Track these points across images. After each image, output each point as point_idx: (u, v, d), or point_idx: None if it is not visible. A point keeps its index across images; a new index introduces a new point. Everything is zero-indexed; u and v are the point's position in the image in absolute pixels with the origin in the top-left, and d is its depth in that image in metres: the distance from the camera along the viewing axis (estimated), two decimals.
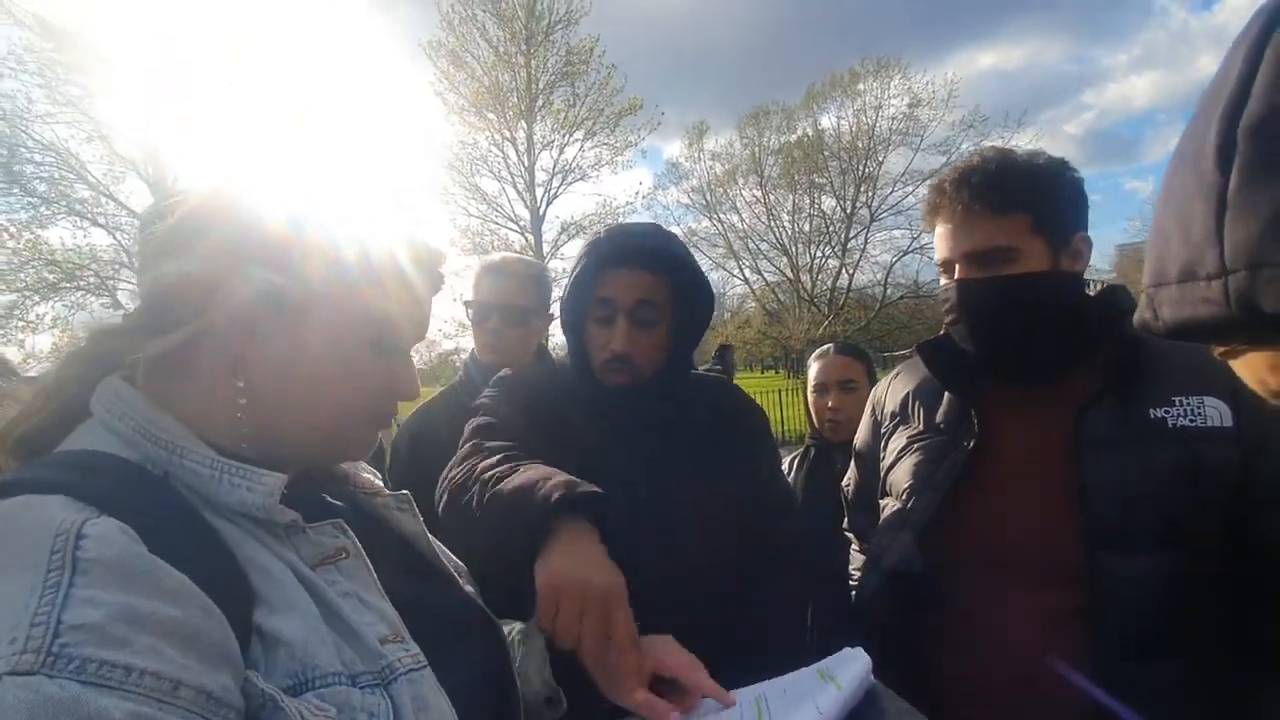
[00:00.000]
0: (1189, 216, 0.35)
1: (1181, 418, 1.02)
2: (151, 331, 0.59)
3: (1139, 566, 0.98)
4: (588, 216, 17.58)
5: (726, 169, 24.04)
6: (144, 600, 0.43)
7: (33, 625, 0.39)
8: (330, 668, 0.51)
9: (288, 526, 0.58)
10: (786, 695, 0.77)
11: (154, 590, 0.44)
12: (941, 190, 1.12)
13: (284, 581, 0.54)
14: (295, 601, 0.53)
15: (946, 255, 1.13)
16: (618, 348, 1.12)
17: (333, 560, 0.60)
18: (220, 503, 0.55)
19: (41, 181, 11.84)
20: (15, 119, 11.40)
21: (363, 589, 0.60)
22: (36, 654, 0.38)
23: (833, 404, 1.92)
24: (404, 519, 0.74)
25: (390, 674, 0.55)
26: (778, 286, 24.61)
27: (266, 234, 0.59)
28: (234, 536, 0.54)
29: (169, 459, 0.55)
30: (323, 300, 0.60)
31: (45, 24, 10.87)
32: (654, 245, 1.14)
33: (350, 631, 0.55)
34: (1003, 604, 1.07)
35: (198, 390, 0.59)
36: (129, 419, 0.56)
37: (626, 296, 1.12)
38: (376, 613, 0.59)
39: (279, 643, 0.50)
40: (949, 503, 1.12)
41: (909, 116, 22.01)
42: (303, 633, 0.52)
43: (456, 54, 16.09)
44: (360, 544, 0.63)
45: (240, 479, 0.55)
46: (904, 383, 1.32)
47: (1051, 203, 1.08)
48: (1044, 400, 1.12)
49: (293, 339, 0.60)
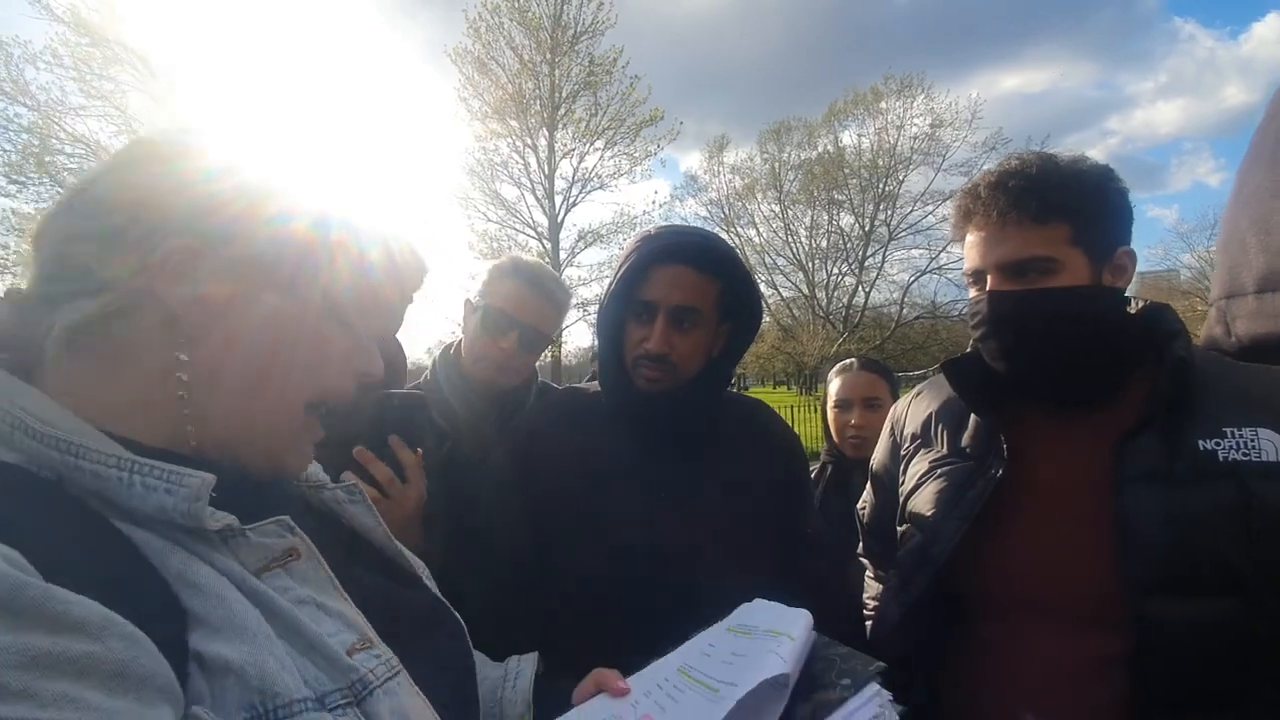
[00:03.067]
0: (1269, 219, 0.28)
1: (1233, 451, 0.94)
2: (61, 298, 0.49)
3: (1186, 613, 0.90)
4: (605, 225, 17.68)
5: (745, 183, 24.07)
6: (44, 638, 0.35)
7: None
8: (293, 694, 0.45)
9: (221, 532, 0.49)
10: (711, 656, 0.77)
11: (55, 625, 0.36)
12: (975, 194, 1.04)
13: (224, 596, 0.46)
14: (240, 619, 0.46)
15: (977, 264, 1.05)
16: (653, 346, 1.09)
17: (280, 564, 0.52)
18: (134, 509, 0.46)
19: (70, 173, 12.06)
20: (50, 111, 11.66)
21: (319, 593, 0.53)
22: None
23: (856, 421, 1.88)
24: (357, 511, 0.67)
25: (363, 688, 0.50)
26: (793, 302, 24.54)
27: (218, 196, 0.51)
28: (156, 548, 0.46)
29: (61, 460, 0.45)
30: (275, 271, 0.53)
31: (81, 19, 11.12)
32: (703, 244, 1.12)
33: (311, 645, 0.49)
34: (1035, 648, 0.99)
35: (122, 371, 0.50)
36: (5, 413, 0.46)
37: (669, 295, 1.09)
38: (339, 619, 0.53)
39: (226, 670, 0.43)
40: (975, 535, 1.04)
41: (931, 136, 21.97)
42: (254, 656, 0.45)
43: (482, 61, 16.28)
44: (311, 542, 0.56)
45: (157, 480, 0.46)
46: (926, 402, 1.24)
47: (1095, 213, 1.00)
48: (1081, 426, 1.04)
49: (241, 307, 0.52)
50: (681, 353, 1.10)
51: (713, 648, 0.79)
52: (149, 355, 0.51)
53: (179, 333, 0.50)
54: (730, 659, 0.75)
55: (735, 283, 1.13)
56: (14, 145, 11.48)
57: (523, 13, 15.93)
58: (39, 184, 11.82)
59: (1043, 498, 1.03)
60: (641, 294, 1.10)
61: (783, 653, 0.71)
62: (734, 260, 1.14)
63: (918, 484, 1.17)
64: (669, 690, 0.73)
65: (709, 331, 1.13)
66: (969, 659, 1.05)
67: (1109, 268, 1.02)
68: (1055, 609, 1.00)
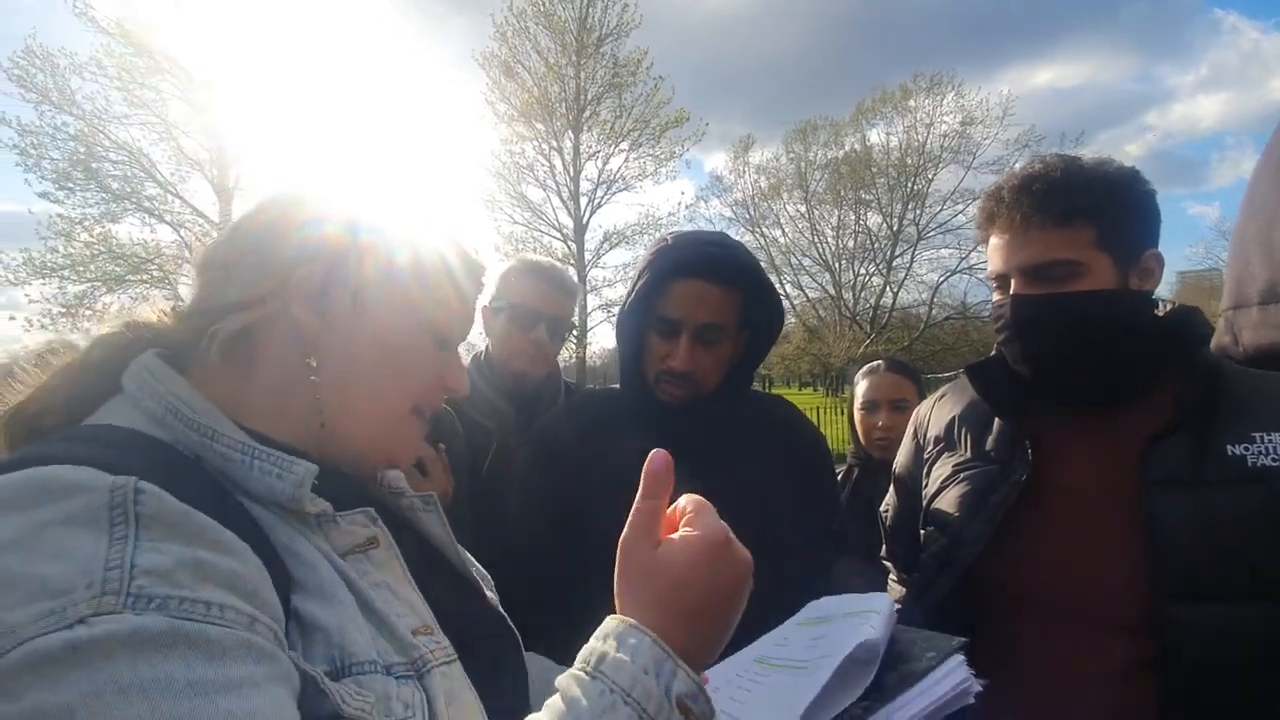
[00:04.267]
0: (1272, 231, 0.30)
1: (1264, 456, 0.93)
2: (218, 312, 0.59)
3: (1215, 619, 0.89)
4: (630, 226, 17.73)
5: (771, 183, 23.91)
6: (206, 553, 0.44)
7: (107, 571, 0.40)
8: (366, 655, 0.51)
9: (318, 516, 0.57)
10: (789, 645, 0.78)
11: (213, 545, 0.45)
12: (999, 197, 1.04)
13: (318, 567, 0.53)
14: (330, 588, 0.53)
15: (1001, 268, 1.05)
16: (679, 366, 1.09)
17: (363, 550, 0.59)
18: (251, 488, 0.54)
19: (115, 179, 12.51)
20: (95, 119, 12.09)
21: (393, 580, 0.59)
22: (117, 595, 0.39)
23: (883, 423, 1.88)
24: (429, 520, 0.72)
25: (423, 665, 0.54)
26: (819, 303, 24.30)
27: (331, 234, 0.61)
28: (268, 521, 0.53)
29: (200, 441, 0.53)
30: (385, 292, 0.62)
31: (125, 30, 11.51)
32: (724, 256, 1.11)
33: (382, 622, 0.54)
34: (1062, 653, 0.99)
35: (262, 375, 0.59)
36: (161, 398, 0.55)
37: (694, 314, 1.09)
38: (407, 604, 0.58)
39: (316, 628, 0.50)
40: (999, 539, 1.03)
41: (961, 134, 21.57)
42: (338, 619, 0.51)
43: (508, 65, 16.45)
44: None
45: (271, 465, 0.54)
46: (950, 405, 1.24)
47: (1120, 215, 0.99)
48: (1107, 431, 1.03)
49: (359, 324, 0.61)
50: (705, 368, 1.11)
51: (787, 640, 0.80)
52: (284, 362, 0.60)
53: (309, 343, 0.59)
54: (812, 643, 0.76)
55: (757, 291, 1.13)
56: (62, 153, 11.93)
57: (548, 17, 16.07)
58: (85, 189, 12.25)
59: (1068, 502, 1.03)
60: (663, 309, 1.10)
61: (872, 623, 0.73)
62: (755, 270, 1.13)
63: (941, 487, 1.17)
64: (750, 678, 0.75)
65: (731, 344, 1.14)
66: (993, 663, 1.04)
67: (1135, 271, 1.01)
68: (1082, 613, 0.99)
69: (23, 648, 0.37)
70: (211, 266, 0.63)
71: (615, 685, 0.47)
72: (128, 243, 12.78)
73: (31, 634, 0.37)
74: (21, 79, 11.54)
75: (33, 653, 0.37)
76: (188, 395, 0.55)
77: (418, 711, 0.51)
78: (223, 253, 0.63)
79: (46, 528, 0.41)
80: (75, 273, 12.41)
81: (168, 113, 12.58)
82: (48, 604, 0.38)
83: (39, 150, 11.72)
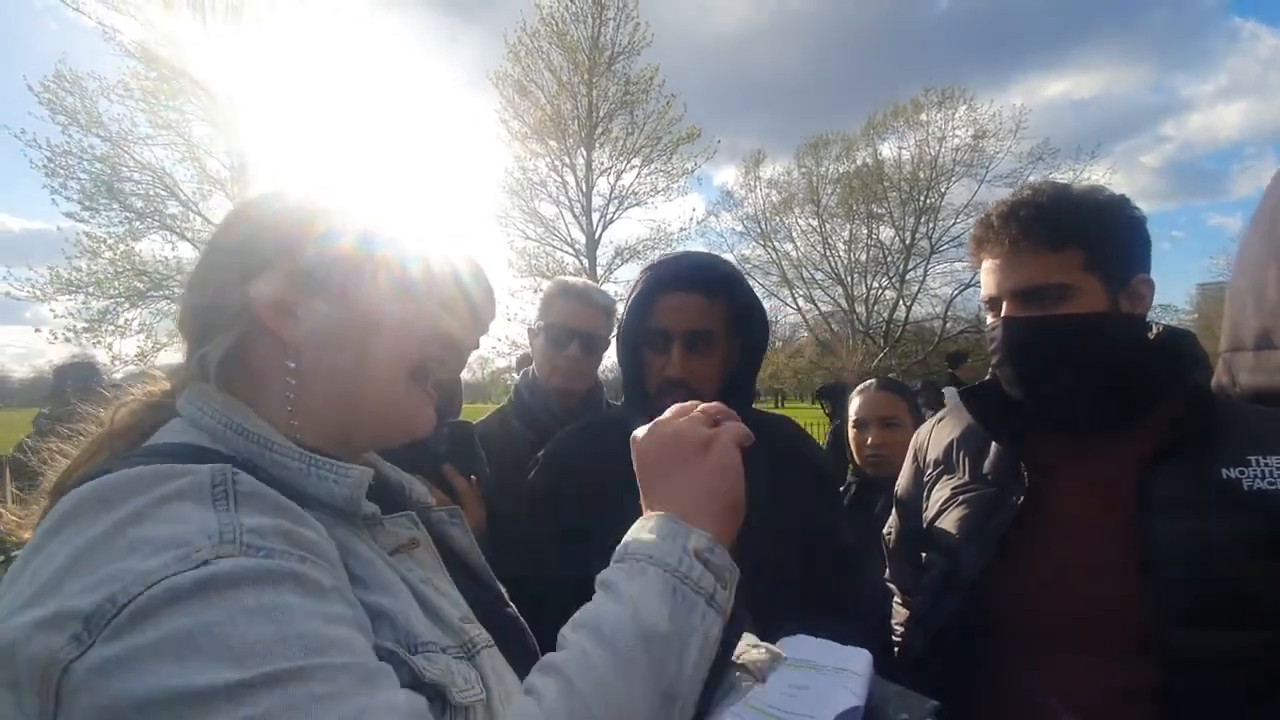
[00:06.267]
0: (1262, 283, 0.33)
1: (1259, 479, 0.93)
2: (208, 334, 0.63)
3: (1213, 646, 0.89)
4: (642, 241, 17.77)
5: (783, 197, 23.91)
6: (292, 525, 0.51)
7: (221, 528, 0.47)
8: (429, 637, 0.56)
9: (368, 518, 0.61)
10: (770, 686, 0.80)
11: (298, 519, 0.52)
12: (988, 224, 1.07)
13: (376, 564, 0.59)
14: (388, 580, 0.58)
15: (993, 292, 1.07)
16: (673, 373, 1.14)
17: (407, 550, 0.64)
18: (307, 494, 0.58)
19: (138, 198, 12.75)
20: (120, 141, 12.37)
21: (435, 577, 0.65)
22: (232, 544, 0.46)
23: (873, 440, 1.91)
24: (456, 533, 0.77)
25: (473, 647, 0.60)
26: (831, 317, 24.14)
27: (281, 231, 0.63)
28: (325, 521, 0.57)
29: (258, 452, 0.58)
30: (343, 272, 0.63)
31: (150, 53, 11.81)
32: (706, 266, 1.18)
33: (434, 611, 0.60)
34: (1062, 678, 0.99)
35: (261, 384, 0.62)
36: (218, 416, 0.59)
37: (681, 322, 1.14)
38: (448, 598, 0.64)
39: (382, 615, 0.55)
40: (998, 562, 1.04)
41: (974, 148, 21.44)
42: (400, 607, 0.56)
43: (521, 84, 16.63)
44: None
45: (327, 471, 0.59)
46: (949, 428, 1.25)
47: (1107, 240, 1.01)
48: (1102, 454, 1.04)
49: (329, 314, 0.63)
50: (699, 375, 1.15)
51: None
52: (276, 368, 0.62)
53: (289, 346, 0.62)
54: (793, 691, 0.78)
55: (739, 299, 1.18)
56: (88, 174, 12.21)
57: (561, 35, 16.26)
58: (109, 209, 12.53)
59: (1065, 525, 1.03)
60: (653, 323, 1.16)
61: (854, 688, 0.76)
62: (736, 278, 1.20)
63: (940, 510, 1.18)
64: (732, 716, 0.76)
65: (723, 351, 1.18)
66: (995, 686, 1.04)
67: (1125, 295, 1.02)
68: (1079, 637, 0.99)
69: (160, 584, 0.43)
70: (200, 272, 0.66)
71: (640, 556, 0.54)
72: (150, 260, 13.01)
73: (165, 574, 0.43)
74: (51, 102, 11.85)
75: (169, 588, 0.43)
76: (241, 411, 0.60)
77: (476, 685, 0.57)
78: (207, 259, 0.66)
79: (163, 503, 0.48)
80: (99, 289, 12.65)
81: (191, 133, 12.86)
82: (175, 553, 0.44)
83: (67, 171, 12.01)
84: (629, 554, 0.56)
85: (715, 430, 0.64)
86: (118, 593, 0.42)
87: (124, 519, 0.46)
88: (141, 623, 0.42)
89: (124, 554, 0.44)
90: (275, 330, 0.61)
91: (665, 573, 0.53)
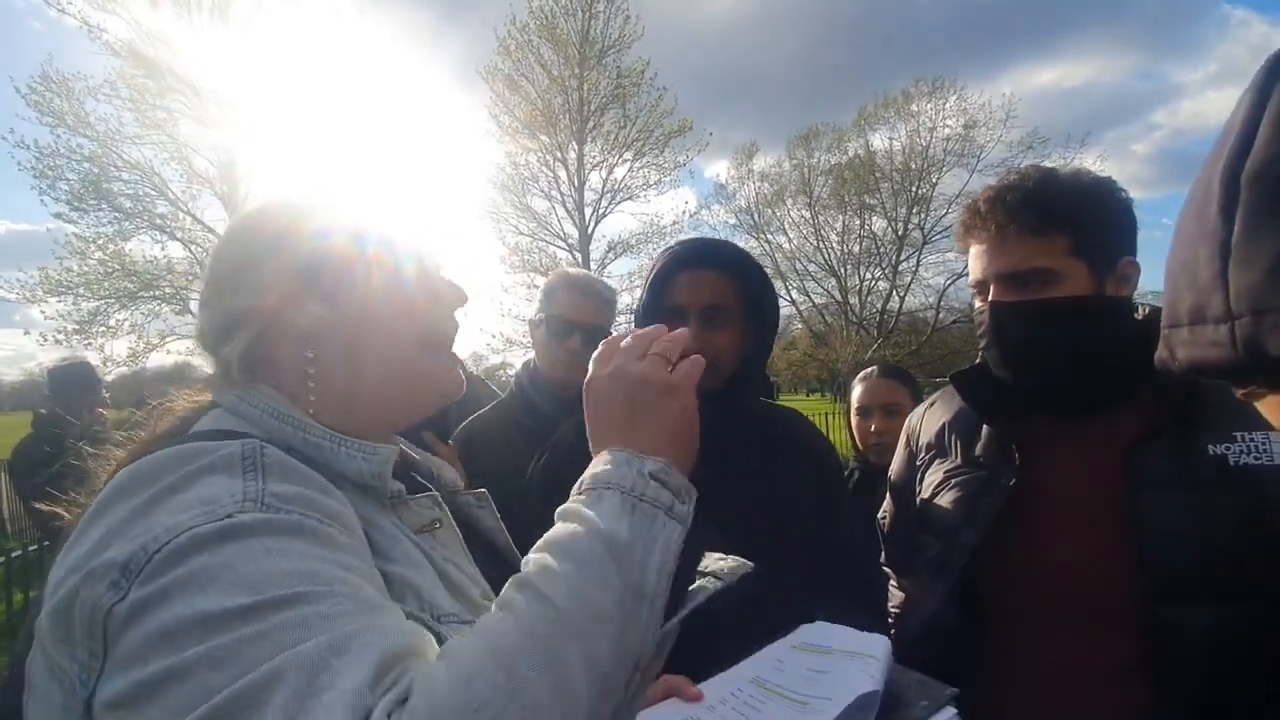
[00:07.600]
0: (1195, 262, 0.35)
1: (1245, 454, 0.95)
2: (225, 339, 0.66)
3: (1201, 619, 0.91)
4: (634, 235, 17.76)
5: (775, 189, 23.90)
6: (316, 494, 0.55)
7: (246, 489, 0.51)
8: (450, 609, 0.59)
9: (393, 496, 0.65)
10: (785, 670, 0.81)
11: (323, 489, 0.56)
12: (975, 209, 1.08)
13: (399, 538, 0.62)
14: (412, 554, 0.62)
15: (980, 276, 1.09)
16: (690, 348, 1.14)
17: (429, 530, 0.68)
18: (339, 471, 0.62)
19: (127, 198, 12.63)
20: (108, 140, 12.25)
21: (457, 556, 0.69)
22: (255, 502, 0.51)
23: (876, 428, 1.92)
24: (483, 515, 0.80)
25: None
26: (825, 308, 24.18)
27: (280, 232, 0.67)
28: (353, 498, 0.60)
29: (293, 434, 0.62)
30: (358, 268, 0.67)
31: (136, 53, 11.69)
32: (716, 247, 1.25)
33: (456, 587, 0.63)
34: (1054, 655, 1.01)
35: (284, 377, 0.65)
36: (256, 402, 0.63)
37: (697, 297, 1.18)
38: (469, 576, 0.67)
39: (406, 585, 0.58)
40: (990, 544, 1.06)
41: (965, 137, 21.48)
42: (423, 579, 0.60)
43: (512, 78, 16.55)
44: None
45: (356, 450, 0.63)
46: (940, 413, 1.27)
47: (1094, 224, 1.03)
48: (1090, 434, 1.06)
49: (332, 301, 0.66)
50: (716, 347, 1.16)
51: (783, 663, 0.83)
52: (297, 358, 0.65)
53: (309, 336, 0.65)
54: (809, 675, 0.79)
55: (753, 280, 1.22)
56: (77, 174, 12.10)
57: (551, 30, 16.18)
58: (98, 209, 12.42)
59: (1055, 505, 1.05)
60: (670, 301, 1.19)
61: (872, 672, 0.77)
62: (749, 259, 1.25)
63: (933, 494, 1.20)
64: (746, 699, 0.77)
65: (738, 330, 1.20)
66: (989, 665, 1.06)
67: (1112, 278, 1.04)
68: (1073, 615, 1.01)
69: (186, 533, 0.48)
70: (206, 289, 0.70)
71: (597, 485, 0.56)
72: (140, 260, 12.91)
73: (192, 524, 0.48)
74: (39, 103, 11.73)
75: (194, 535, 0.48)
76: (277, 397, 0.64)
77: None
78: (209, 276, 0.70)
79: (197, 472, 0.53)
80: (89, 290, 12.56)
81: (178, 131, 12.74)
82: (201, 509, 0.49)
83: (55, 172, 11.90)
84: (585, 486, 0.57)
85: (678, 375, 0.64)
86: (149, 542, 0.48)
87: (160, 491, 0.51)
88: (170, 565, 0.46)
89: (157, 515, 0.50)
90: (287, 324, 0.64)
91: (622, 494, 0.54)
